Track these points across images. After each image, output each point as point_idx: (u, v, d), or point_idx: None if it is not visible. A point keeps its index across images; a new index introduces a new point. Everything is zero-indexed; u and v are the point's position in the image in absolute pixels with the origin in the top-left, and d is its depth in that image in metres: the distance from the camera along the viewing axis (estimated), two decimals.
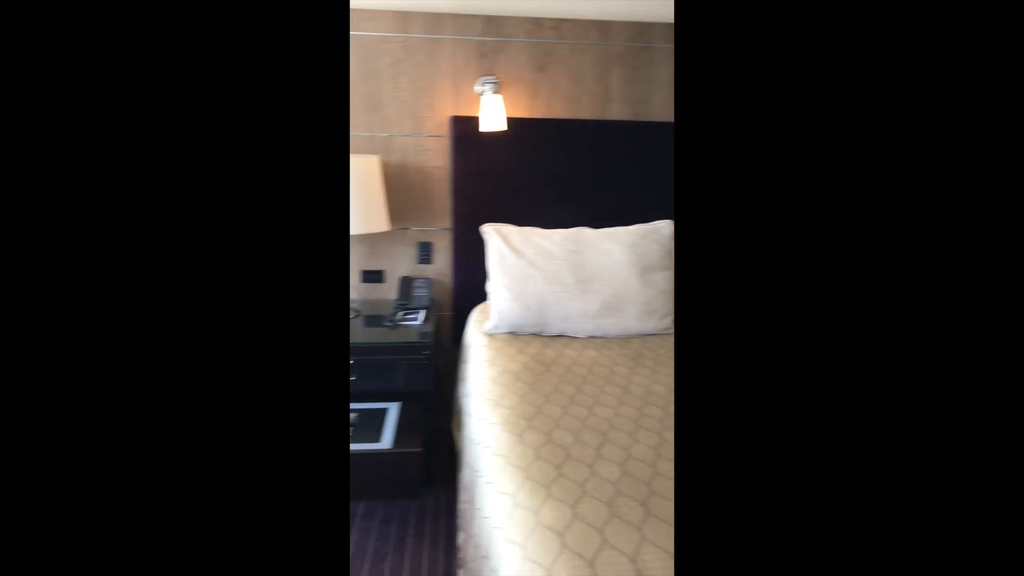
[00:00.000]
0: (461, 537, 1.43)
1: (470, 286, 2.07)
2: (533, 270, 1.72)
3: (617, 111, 2.05)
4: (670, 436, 1.15)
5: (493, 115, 1.83)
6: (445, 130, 1.99)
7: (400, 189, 2.03)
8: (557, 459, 1.06)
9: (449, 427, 2.20)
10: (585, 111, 2.03)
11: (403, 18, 1.90)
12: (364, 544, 1.59)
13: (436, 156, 2.01)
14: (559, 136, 1.97)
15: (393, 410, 1.69)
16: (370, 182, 1.76)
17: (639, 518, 0.90)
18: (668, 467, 1.04)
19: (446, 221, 2.07)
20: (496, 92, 1.86)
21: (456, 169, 1.96)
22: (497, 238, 1.79)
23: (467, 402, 1.53)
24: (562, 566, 0.80)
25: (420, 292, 2.04)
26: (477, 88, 1.95)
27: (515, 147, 1.96)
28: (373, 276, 2.10)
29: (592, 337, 1.72)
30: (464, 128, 1.93)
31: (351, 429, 1.56)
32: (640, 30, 1.99)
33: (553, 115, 2.02)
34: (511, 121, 1.94)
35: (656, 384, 1.39)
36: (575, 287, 1.71)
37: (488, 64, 1.96)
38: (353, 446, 1.47)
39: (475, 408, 1.38)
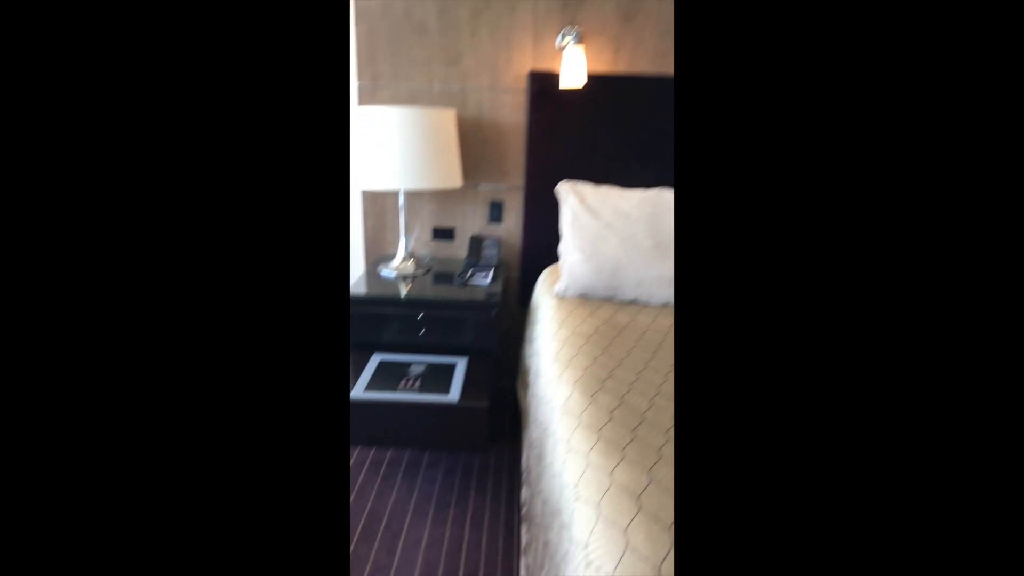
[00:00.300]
0: (525, 493, 1.44)
1: (539, 247, 2.04)
2: (608, 232, 1.67)
3: None
4: None
5: (573, 70, 1.75)
6: (523, 84, 1.93)
7: (474, 145, 2.01)
8: (631, 422, 1.04)
9: (514, 386, 2.22)
10: (671, 67, 1.92)
11: None
12: (429, 491, 1.63)
13: (512, 111, 1.96)
14: (641, 93, 1.87)
15: (460, 365, 1.70)
16: (446, 137, 1.74)
17: None
18: None
19: (518, 179, 2.04)
20: (578, 43, 1.78)
21: (532, 125, 1.91)
22: (572, 197, 1.74)
23: (535, 362, 1.52)
24: (638, 528, 0.78)
25: (489, 251, 2.03)
26: (558, 42, 1.87)
27: (595, 104, 1.89)
28: (444, 234, 2.11)
29: (668, 305, 1.66)
30: (542, 83, 1.87)
31: (419, 381, 1.59)
32: None
33: (637, 71, 1.92)
34: (592, 77, 1.85)
35: None
36: (652, 251, 1.64)
37: (571, 16, 1.87)
38: (422, 397, 1.50)
39: (544, 368, 1.37)
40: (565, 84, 1.79)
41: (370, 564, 1.37)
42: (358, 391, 1.53)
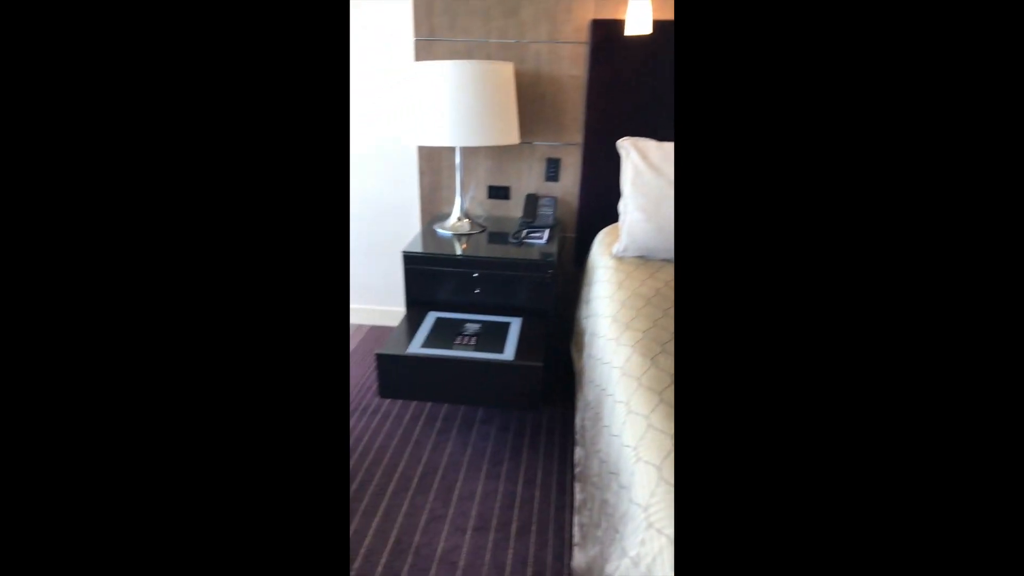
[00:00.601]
0: (579, 452, 1.44)
1: (597, 207, 1.98)
2: (671, 190, 1.60)
3: None
4: None
5: (639, 16, 1.65)
6: (584, 36, 1.85)
7: (531, 100, 1.95)
8: None
9: (568, 346, 2.21)
10: None
11: None
12: (482, 447, 1.66)
13: (572, 64, 1.89)
14: None
15: (515, 325, 1.70)
16: (502, 92, 1.69)
17: None
18: None
19: (576, 135, 1.97)
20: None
21: (593, 78, 1.83)
22: (634, 153, 1.67)
23: (591, 323, 1.50)
24: None
25: (545, 211, 1.99)
26: None
27: (660, 54, 1.78)
28: (499, 192, 2.08)
29: None
30: (605, 33, 1.78)
31: (474, 339, 1.60)
32: None
33: None
34: (657, 24, 1.75)
35: None
36: None
37: None
38: (477, 354, 1.51)
39: (602, 329, 1.34)
40: (630, 31, 1.70)
41: (426, 513, 1.41)
42: (415, 347, 1.55)
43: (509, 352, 1.54)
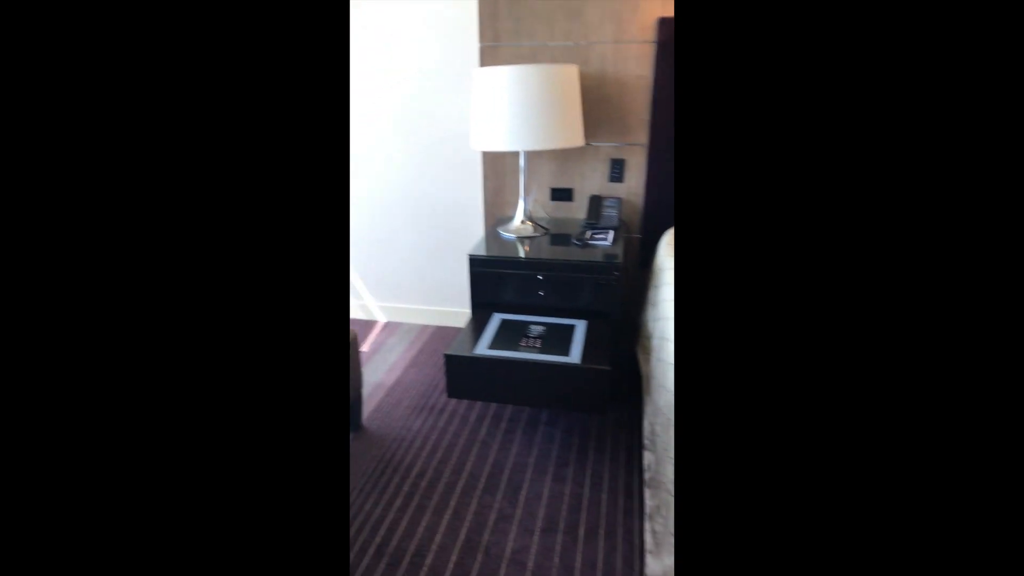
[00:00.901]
0: (649, 458, 1.42)
1: (662, 207, 1.95)
2: None
3: None
4: None
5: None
6: (650, 34, 1.82)
7: (595, 101, 1.94)
8: None
9: (634, 350, 2.18)
10: None
11: None
12: (548, 449, 1.67)
13: (638, 64, 1.86)
14: None
15: (580, 327, 1.70)
16: (567, 94, 1.69)
17: None
18: None
19: (642, 136, 1.94)
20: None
21: (659, 77, 1.80)
22: None
23: (660, 326, 1.48)
24: None
25: (610, 212, 1.97)
26: None
27: None
28: (562, 194, 2.09)
29: None
30: (672, 31, 1.75)
31: (539, 341, 1.61)
32: None
33: None
34: None
35: None
36: None
37: None
38: (543, 357, 1.52)
39: (670, 333, 1.32)
40: None
41: (494, 513, 1.44)
42: (482, 348, 1.58)
43: (575, 355, 1.54)
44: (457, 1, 1.98)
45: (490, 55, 1.96)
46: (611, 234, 1.88)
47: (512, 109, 1.66)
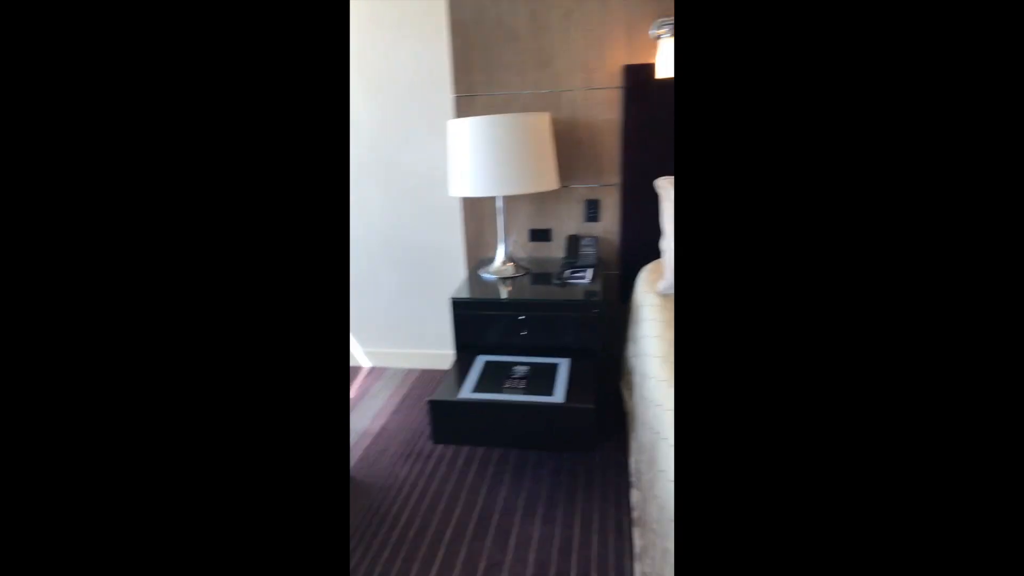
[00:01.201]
0: (636, 496, 1.42)
1: (638, 244, 2.00)
2: None
3: None
4: None
5: (670, 61, 1.70)
6: (617, 80, 1.90)
7: (569, 145, 2.01)
8: None
9: (618, 386, 2.19)
10: None
11: None
12: (536, 490, 1.66)
13: (606, 109, 1.94)
14: None
15: (563, 366, 1.71)
16: (540, 140, 1.75)
17: None
18: None
19: (614, 177, 2.01)
20: (673, 35, 1.72)
21: (627, 121, 1.88)
22: (672, 191, 1.69)
23: (640, 363, 1.50)
24: None
25: (587, 250, 2.02)
26: (652, 32, 1.82)
27: None
28: (541, 235, 2.13)
29: None
30: (637, 77, 1.83)
31: (524, 381, 1.62)
32: None
33: None
34: None
35: None
36: None
37: (666, 5, 1.81)
38: (527, 397, 1.53)
39: (652, 370, 1.34)
40: (661, 74, 1.74)
41: (484, 560, 1.42)
42: (466, 392, 1.58)
43: (559, 394, 1.55)
44: (432, 55, 2.06)
45: (465, 104, 2.03)
46: (590, 272, 1.91)
47: (486, 157, 1.71)
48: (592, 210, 2.06)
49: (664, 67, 1.71)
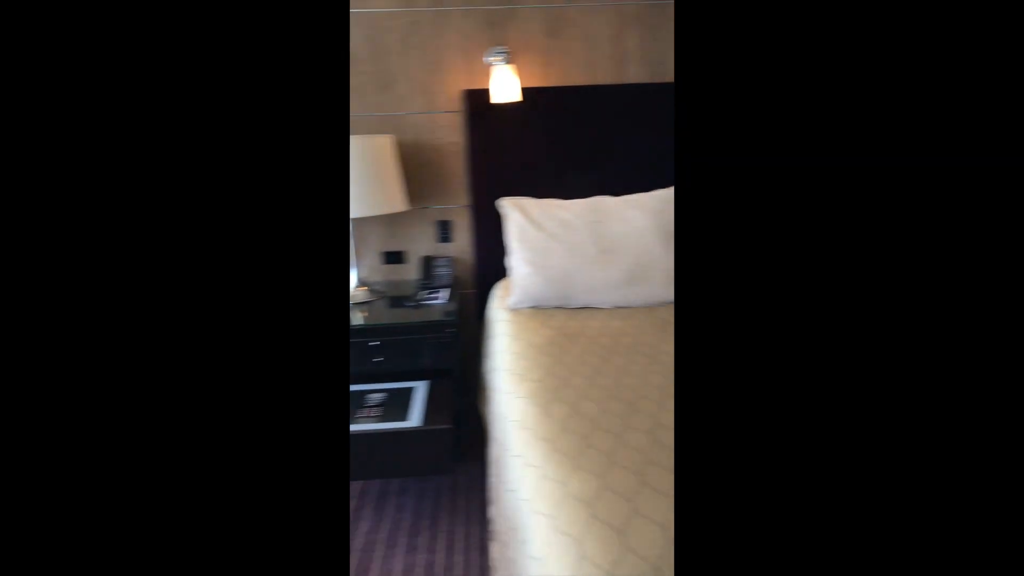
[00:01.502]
0: (492, 510, 1.43)
1: (492, 262, 2.05)
2: (554, 242, 1.69)
3: (635, 74, 1.98)
4: None
5: (505, 86, 1.78)
6: (458, 105, 1.95)
7: (416, 168, 2.01)
8: (584, 430, 1.05)
9: (476, 403, 2.22)
10: (601, 76, 1.97)
11: None
12: (400, 519, 1.61)
13: (450, 132, 1.98)
14: (575, 104, 1.92)
15: (421, 388, 1.70)
16: (384, 162, 1.74)
17: (668, 486, 0.88)
18: None
19: (464, 198, 2.05)
20: (508, 62, 1.81)
21: (471, 144, 1.93)
22: (516, 212, 1.77)
23: (493, 377, 1.53)
24: (592, 536, 0.80)
25: (442, 271, 2.03)
26: (487, 59, 1.90)
27: (530, 118, 1.92)
28: (394, 257, 2.10)
29: (618, 308, 1.69)
30: (477, 101, 1.90)
31: (380, 408, 1.58)
32: None
33: (569, 82, 1.96)
34: (525, 91, 1.89)
35: None
36: (598, 257, 1.67)
37: (499, 34, 1.90)
38: (383, 425, 1.49)
39: (501, 383, 1.37)
40: (496, 99, 1.82)
41: None
42: None
43: (415, 418, 1.53)
44: None
45: None
46: (445, 292, 1.92)
47: None
48: (445, 231, 2.08)
49: (498, 93, 1.79)
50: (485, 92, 1.89)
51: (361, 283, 1.93)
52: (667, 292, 1.68)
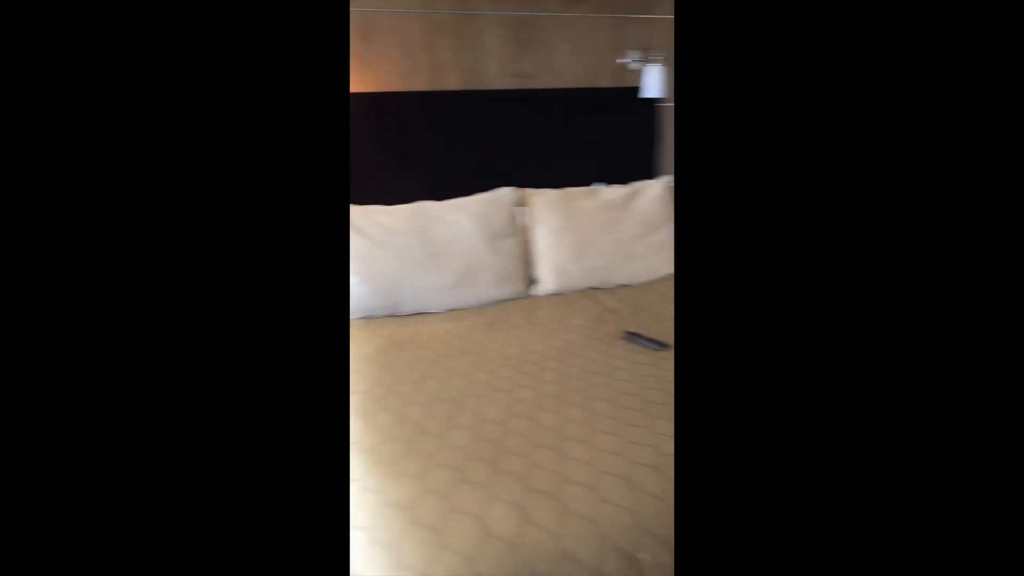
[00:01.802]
0: None
1: None
2: (380, 250, 1.66)
3: (450, 81, 2.02)
4: (522, 394, 1.17)
5: None
6: None
7: None
8: (408, 435, 1.04)
9: None
10: (417, 82, 1.98)
11: None
12: None
13: None
14: (394, 110, 1.90)
15: None
16: None
17: (487, 477, 0.90)
18: (520, 424, 1.06)
19: None
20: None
21: None
22: None
23: None
24: (409, 541, 0.78)
25: None
26: None
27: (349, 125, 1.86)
28: None
29: (450, 310, 1.70)
30: None
31: None
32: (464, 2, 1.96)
33: (386, 88, 1.94)
34: None
35: (510, 347, 1.41)
36: (427, 261, 1.67)
37: None
38: None
39: None
40: None
41: None
42: None
43: None
44: None
45: None
46: None
47: None
48: None
49: None
50: None
51: None
52: (496, 291, 1.73)
